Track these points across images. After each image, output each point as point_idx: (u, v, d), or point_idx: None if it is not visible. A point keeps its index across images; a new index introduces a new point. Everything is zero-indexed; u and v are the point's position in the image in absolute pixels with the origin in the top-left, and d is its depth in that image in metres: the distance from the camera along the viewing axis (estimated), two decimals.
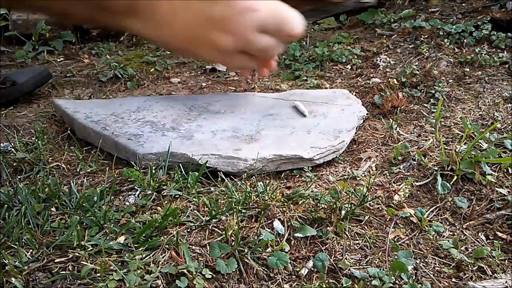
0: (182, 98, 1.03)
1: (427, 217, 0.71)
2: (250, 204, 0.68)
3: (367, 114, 0.98)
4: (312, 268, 0.61)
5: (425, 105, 1.03)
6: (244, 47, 0.63)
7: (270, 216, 0.66)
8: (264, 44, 0.64)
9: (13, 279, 0.53)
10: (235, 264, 0.58)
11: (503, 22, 1.33)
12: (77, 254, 0.57)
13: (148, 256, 0.58)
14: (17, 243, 0.58)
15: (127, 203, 0.69)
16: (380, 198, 0.73)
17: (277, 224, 0.65)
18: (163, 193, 0.71)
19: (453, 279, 0.61)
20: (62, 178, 0.77)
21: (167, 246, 0.59)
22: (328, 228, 0.66)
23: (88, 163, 0.81)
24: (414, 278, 0.60)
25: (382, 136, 0.91)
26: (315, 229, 0.65)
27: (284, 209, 0.67)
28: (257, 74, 1.26)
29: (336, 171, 0.81)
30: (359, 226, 0.68)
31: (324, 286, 0.58)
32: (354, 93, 1.08)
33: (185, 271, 0.56)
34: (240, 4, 0.62)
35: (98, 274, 0.54)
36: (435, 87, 1.07)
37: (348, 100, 0.99)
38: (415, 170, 0.80)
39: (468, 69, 1.14)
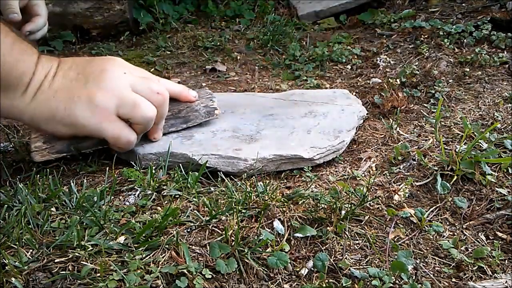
0: None
1: (427, 217, 0.71)
2: (250, 204, 0.68)
3: (367, 114, 0.98)
4: (312, 268, 0.61)
5: (425, 105, 1.03)
6: (119, 104, 0.71)
7: (270, 216, 0.66)
8: (136, 100, 0.73)
9: (13, 279, 0.53)
10: (235, 264, 0.58)
11: (503, 22, 1.33)
12: (77, 254, 0.57)
13: (148, 256, 0.58)
14: (17, 243, 0.58)
15: (127, 203, 0.69)
16: (380, 198, 0.73)
17: (277, 224, 0.65)
18: (163, 193, 0.71)
19: (453, 279, 0.61)
20: (62, 178, 0.77)
21: (167, 246, 0.59)
22: (328, 228, 0.66)
23: (88, 163, 0.81)
24: (414, 278, 0.60)
25: (382, 136, 0.91)
26: (315, 229, 0.65)
27: (284, 209, 0.67)
28: (257, 74, 1.26)
29: (336, 171, 0.81)
30: (359, 226, 0.68)
31: (324, 286, 0.58)
32: (354, 93, 1.08)
33: (185, 271, 0.56)
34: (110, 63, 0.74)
35: (98, 274, 0.54)
36: (435, 87, 1.07)
37: (348, 100, 0.99)
38: (415, 170, 0.80)
39: (468, 69, 1.14)
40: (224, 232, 0.62)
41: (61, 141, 0.76)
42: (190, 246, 0.60)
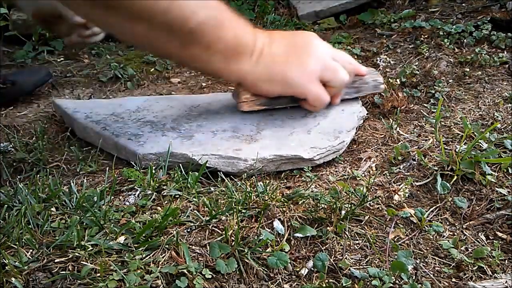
0: (182, 98, 1.03)
1: (427, 217, 0.71)
2: (250, 204, 0.68)
3: (367, 114, 0.98)
4: (312, 268, 0.61)
5: (425, 105, 1.03)
6: (324, 68, 0.84)
7: (270, 216, 0.66)
8: (336, 66, 0.85)
9: (13, 279, 0.53)
10: (235, 264, 0.58)
11: (503, 22, 1.33)
12: (77, 254, 0.57)
13: (148, 256, 0.58)
14: (17, 243, 0.58)
15: (127, 203, 0.69)
16: (380, 198, 0.73)
17: (277, 224, 0.65)
18: (163, 193, 0.71)
19: (453, 279, 0.61)
20: (62, 178, 0.77)
21: (167, 246, 0.59)
22: (328, 228, 0.66)
23: (88, 163, 0.81)
24: (414, 278, 0.60)
25: (382, 136, 0.91)
26: (315, 229, 0.65)
27: (284, 209, 0.67)
28: None
29: (336, 171, 0.81)
30: (359, 226, 0.68)
31: (324, 286, 0.58)
32: None
33: (185, 271, 0.56)
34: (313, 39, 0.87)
35: (98, 274, 0.54)
36: (435, 87, 1.07)
37: (348, 100, 0.99)
38: (415, 170, 0.80)
39: (468, 69, 1.14)
40: (224, 232, 0.62)
41: (263, 97, 0.88)
42: (190, 246, 0.60)
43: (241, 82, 0.85)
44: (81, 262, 0.56)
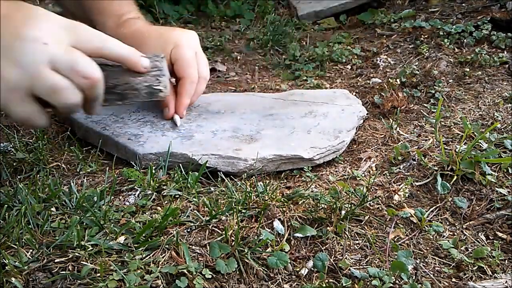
0: None
1: (427, 217, 0.71)
2: (250, 204, 0.68)
3: (367, 114, 0.98)
4: (312, 268, 0.61)
5: (425, 105, 1.03)
6: (34, 86, 0.59)
7: (270, 216, 0.66)
8: (55, 83, 0.59)
9: (13, 279, 0.53)
10: (235, 264, 0.58)
11: (503, 22, 1.33)
12: (77, 254, 0.57)
13: (148, 256, 0.58)
14: (17, 243, 0.58)
15: (127, 203, 0.69)
16: (380, 198, 0.73)
17: (277, 224, 0.65)
18: (163, 193, 0.71)
19: (453, 279, 0.61)
20: (62, 178, 0.77)
21: (167, 246, 0.59)
22: (328, 228, 0.66)
23: (88, 163, 0.81)
24: (414, 278, 0.60)
25: (382, 136, 0.91)
26: (315, 229, 0.65)
27: (284, 209, 0.67)
28: (257, 74, 1.26)
29: (336, 171, 0.81)
30: (359, 226, 0.68)
31: (324, 286, 0.58)
32: (354, 93, 1.08)
33: (185, 271, 0.56)
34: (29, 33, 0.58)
35: (98, 274, 0.54)
36: (435, 87, 1.07)
37: (348, 100, 0.99)
38: (415, 170, 0.80)
39: (468, 69, 1.14)
40: (224, 232, 0.62)
41: None
42: (190, 246, 0.60)
43: None
44: (81, 262, 0.56)
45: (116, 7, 0.91)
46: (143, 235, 0.60)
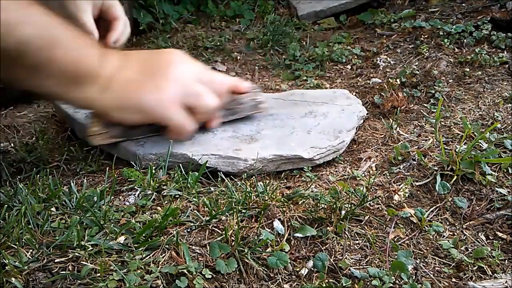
0: None
1: (427, 217, 0.71)
2: (250, 204, 0.68)
3: (367, 114, 0.98)
4: (312, 268, 0.61)
5: (425, 105, 1.03)
6: (186, 94, 0.75)
7: (270, 216, 0.66)
8: (200, 90, 0.77)
9: (13, 279, 0.53)
10: (235, 264, 0.58)
11: (503, 22, 1.33)
12: (77, 254, 0.57)
13: (148, 256, 0.58)
14: (17, 243, 0.58)
15: (127, 203, 0.69)
16: (380, 198, 0.73)
17: (277, 224, 0.65)
18: (163, 193, 0.71)
19: (453, 279, 0.61)
20: (62, 178, 0.77)
21: (167, 246, 0.59)
22: (328, 228, 0.66)
23: (88, 163, 0.81)
24: (414, 278, 0.60)
25: (382, 136, 0.91)
26: (315, 229, 0.65)
27: (284, 209, 0.67)
28: (257, 74, 1.26)
29: (336, 171, 0.81)
30: (359, 226, 0.68)
31: (324, 286, 0.58)
32: (354, 93, 1.08)
33: (185, 271, 0.56)
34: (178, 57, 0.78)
35: (98, 274, 0.54)
36: (435, 87, 1.07)
37: (348, 100, 0.99)
38: (415, 170, 0.80)
39: (468, 69, 1.14)
40: (224, 232, 0.62)
41: (116, 127, 0.79)
42: (190, 246, 0.60)
43: (91, 109, 0.77)
44: (81, 262, 0.56)
45: None
46: (143, 235, 0.60)
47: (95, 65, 0.71)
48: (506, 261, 0.64)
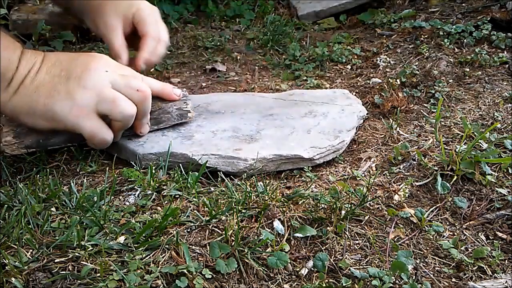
0: None
1: (427, 217, 0.71)
2: (250, 204, 0.68)
3: (367, 114, 0.98)
4: (312, 268, 0.61)
5: (425, 105, 1.03)
6: (99, 101, 0.73)
7: (270, 216, 0.66)
8: (116, 97, 0.74)
9: (13, 279, 0.53)
10: (235, 264, 0.58)
11: (503, 22, 1.33)
12: (77, 254, 0.57)
13: (148, 256, 0.58)
14: (17, 243, 0.58)
15: (127, 203, 0.69)
16: (380, 198, 0.73)
17: (277, 224, 0.65)
18: (163, 193, 0.71)
19: (453, 279, 0.61)
20: (62, 178, 0.77)
21: (167, 246, 0.59)
22: (328, 228, 0.66)
23: (88, 163, 0.81)
24: (414, 278, 0.60)
25: (382, 136, 0.91)
26: (315, 229, 0.65)
27: (284, 209, 0.67)
28: (257, 74, 1.26)
29: (336, 171, 0.81)
30: (359, 226, 0.68)
31: (324, 286, 0.58)
32: (354, 93, 1.08)
33: (185, 271, 0.56)
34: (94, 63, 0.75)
35: (98, 274, 0.54)
36: (435, 87, 1.07)
37: (348, 100, 0.99)
38: (415, 170, 0.80)
39: (468, 69, 1.14)
40: (224, 232, 0.62)
41: (30, 136, 0.77)
42: (190, 246, 0.60)
43: (2, 113, 0.75)
44: (81, 262, 0.56)
45: None
46: (143, 235, 0.61)
47: (10, 67, 0.70)
48: (506, 261, 0.64)
